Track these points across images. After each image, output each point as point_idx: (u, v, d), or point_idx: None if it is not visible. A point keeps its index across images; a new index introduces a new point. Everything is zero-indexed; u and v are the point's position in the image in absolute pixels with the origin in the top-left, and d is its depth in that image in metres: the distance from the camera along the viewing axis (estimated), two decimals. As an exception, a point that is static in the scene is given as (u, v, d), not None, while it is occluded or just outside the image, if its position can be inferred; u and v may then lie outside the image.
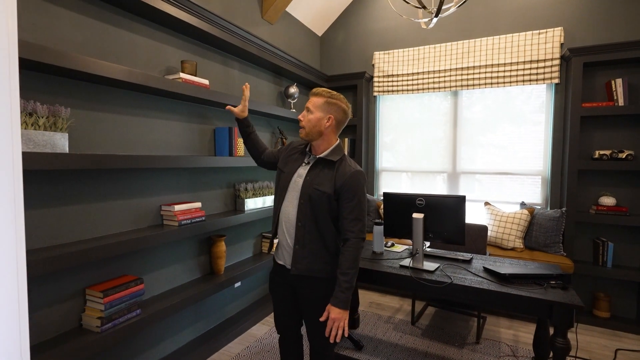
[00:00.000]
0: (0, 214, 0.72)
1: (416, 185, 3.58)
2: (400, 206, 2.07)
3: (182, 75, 1.97)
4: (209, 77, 2.41)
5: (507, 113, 3.16)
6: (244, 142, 1.81)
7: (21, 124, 1.32)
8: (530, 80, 2.97)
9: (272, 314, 2.62)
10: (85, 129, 1.67)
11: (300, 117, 1.53)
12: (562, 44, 2.89)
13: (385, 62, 3.57)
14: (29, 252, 1.41)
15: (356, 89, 3.73)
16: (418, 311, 2.90)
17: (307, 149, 1.60)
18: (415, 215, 1.93)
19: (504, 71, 3.05)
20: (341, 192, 1.44)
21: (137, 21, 1.90)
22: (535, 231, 2.87)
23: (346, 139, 3.67)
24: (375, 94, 3.64)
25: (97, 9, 1.71)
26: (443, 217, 1.94)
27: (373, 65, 3.65)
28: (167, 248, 2.10)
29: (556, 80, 2.89)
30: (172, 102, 2.11)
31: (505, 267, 1.91)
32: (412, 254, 1.96)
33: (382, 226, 2.20)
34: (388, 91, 3.57)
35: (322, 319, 1.42)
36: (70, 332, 1.58)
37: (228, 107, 1.75)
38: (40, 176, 1.49)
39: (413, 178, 3.59)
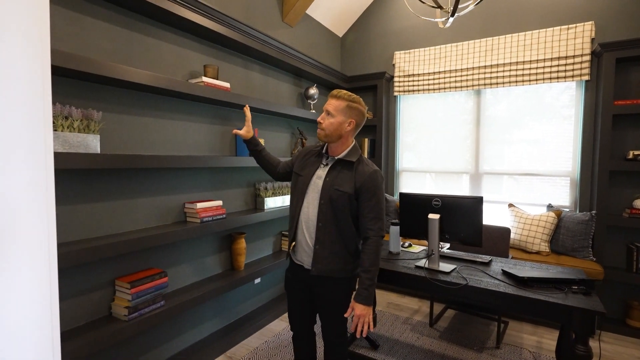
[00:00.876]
0: (34, 209, 0.81)
1: (437, 186, 3.53)
2: (416, 207, 2.06)
3: (204, 79, 2.06)
4: (230, 80, 2.50)
5: (534, 112, 3.05)
6: (257, 162, 1.82)
7: (58, 127, 1.44)
8: (558, 78, 2.85)
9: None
10: (115, 131, 1.79)
11: (320, 119, 1.52)
12: (592, 39, 2.76)
13: (405, 62, 3.54)
14: (65, 245, 1.54)
15: (376, 89, 3.72)
16: (437, 313, 2.86)
17: (324, 151, 1.62)
18: (431, 215, 1.92)
19: (530, 69, 2.95)
20: (361, 192, 1.48)
21: (163, 28, 2.01)
22: (563, 235, 2.75)
23: (366, 139, 3.68)
24: (395, 93, 3.62)
25: (126, 18, 1.83)
26: (460, 218, 1.91)
27: (393, 65, 3.63)
28: (189, 244, 2.20)
29: (586, 77, 2.76)
30: (195, 105, 2.21)
31: (525, 270, 1.87)
32: (427, 255, 1.95)
33: (398, 226, 2.20)
34: (409, 91, 3.54)
35: (346, 315, 1.48)
36: (101, 320, 1.70)
37: (234, 130, 1.79)
38: (75, 175, 1.62)
39: (434, 178, 3.54)
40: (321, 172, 1.55)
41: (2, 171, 0.74)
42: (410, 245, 2.41)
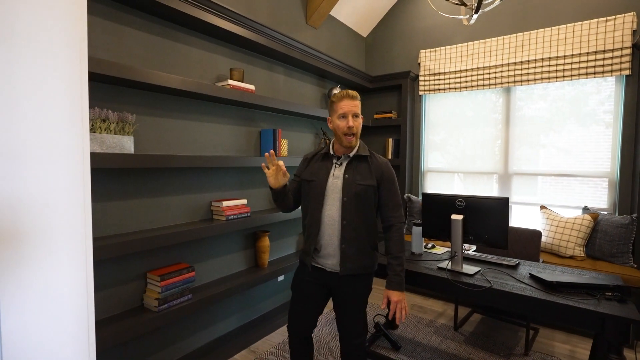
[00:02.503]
0: (73, 205, 0.89)
1: (464, 187, 3.44)
2: (439, 207, 2.03)
3: (230, 81, 2.14)
4: (255, 83, 2.57)
5: (568, 109, 2.91)
6: (278, 205, 1.60)
7: (96, 129, 1.55)
8: (595, 73, 2.70)
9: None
10: (147, 133, 1.90)
11: (351, 123, 1.46)
12: (634, 31, 2.59)
13: (431, 60, 3.48)
14: (100, 239, 1.65)
15: (400, 89, 3.69)
16: (462, 317, 2.79)
17: (331, 152, 1.60)
18: (454, 216, 1.89)
19: (565, 64, 2.81)
20: (382, 182, 1.55)
21: (192, 34, 2.11)
22: (599, 239, 2.61)
23: (389, 139, 3.65)
24: (420, 93, 3.57)
25: (158, 26, 1.94)
26: (484, 219, 1.87)
27: (419, 63, 3.58)
28: (215, 240, 2.29)
29: (627, 72, 2.60)
30: (221, 107, 2.30)
31: (556, 274, 1.79)
32: (450, 256, 1.91)
33: (421, 227, 2.18)
34: (435, 90, 3.48)
35: (383, 307, 1.53)
36: (133, 310, 1.81)
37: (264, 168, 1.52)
38: (111, 173, 1.74)
39: (461, 179, 3.46)
40: (337, 172, 1.54)
41: (45, 170, 0.82)
42: (433, 247, 2.37)
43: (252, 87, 2.28)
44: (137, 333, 1.66)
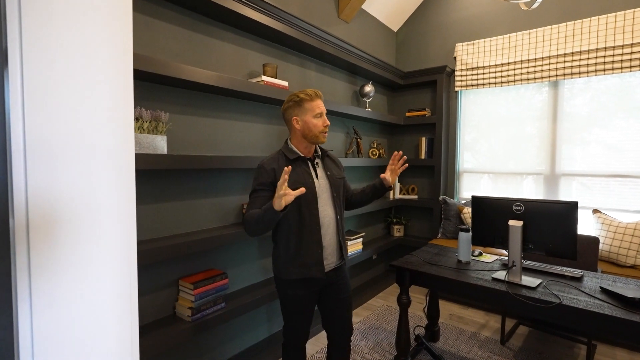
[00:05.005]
0: (117, 207, 0.78)
1: (505, 188, 3.21)
2: (491, 211, 1.85)
3: (263, 77, 2.03)
4: (287, 79, 2.45)
5: (624, 104, 2.65)
6: (261, 230, 1.36)
7: (129, 128, 1.46)
8: (659, 63, 2.44)
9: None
10: (179, 132, 1.80)
11: (327, 121, 1.51)
12: None
13: (468, 54, 3.27)
14: (134, 244, 1.56)
15: (434, 85, 3.49)
16: (508, 330, 2.58)
17: (302, 155, 1.50)
18: (512, 222, 1.71)
19: (623, 54, 2.56)
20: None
21: (224, 28, 2.00)
22: (666, 247, 2.35)
23: (423, 138, 3.46)
24: (456, 89, 3.37)
25: (191, 20, 1.84)
26: (548, 226, 1.67)
27: (455, 58, 3.38)
28: (247, 245, 2.18)
29: (698, 61, 2.33)
30: (253, 105, 2.19)
31: (631, 289, 1.58)
32: (507, 267, 1.73)
33: (470, 233, 2.00)
34: (472, 85, 3.27)
35: (388, 178, 1.62)
36: (165, 319, 1.72)
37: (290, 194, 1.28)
38: (143, 175, 1.65)
39: (503, 180, 3.23)
40: (319, 172, 1.55)
41: (89, 171, 0.71)
42: (480, 254, 2.19)
43: (285, 83, 2.16)
44: (170, 345, 1.55)
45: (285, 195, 1.24)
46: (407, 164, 1.66)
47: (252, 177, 2.19)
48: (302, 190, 1.26)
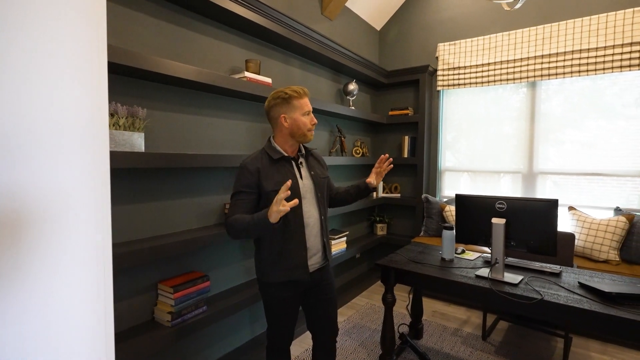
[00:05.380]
0: (90, 207, 0.72)
1: (485, 187, 3.28)
2: (475, 210, 1.87)
3: (246, 74, 1.97)
4: (270, 76, 2.40)
5: (597, 105, 2.75)
6: (247, 237, 1.34)
7: (104, 124, 1.38)
8: (630, 66, 2.55)
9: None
10: (158, 129, 1.72)
11: (314, 120, 1.48)
12: (673, 21, 2.43)
13: (450, 54, 3.32)
14: (110, 247, 1.48)
15: (418, 84, 3.52)
16: (489, 325, 2.64)
17: (286, 154, 1.45)
18: (495, 220, 1.73)
19: (597, 57, 2.65)
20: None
21: (205, 22, 1.93)
22: (636, 242, 2.46)
23: (406, 137, 3.49)
24: (438, 88, 3.41)
25: (171, 12, 1.76)
26: (529, 223, 1.71)
27: (437, 57, 3.42)
28: (229, 247, 2.12)
29: (665, 65, 2.44)
30: (236, 102, 2.13)
31: (607, 283, 1.63)
32: (490, 264, 1.75)
33: (453, 231, 2.02)
34: (453, 85, 3.32)
35: (373, 182, 1.64)
36: (143, 325, 1.64)
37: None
38: (117, 174, 1.56)
39: (482, 179, 3.30)
40: (304, 172, 1.51)
41: (57, 169, 0.65)
42: (463, 252, 2.21)
43: (269, 80, 2.11)
44: (148, 352, 1.49)
45: (284, 208, 1.21)
46: (392, 165, 1.65)
47: (234, 177, 2.12)
48: (296, 201, 1.22)
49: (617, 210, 2.66)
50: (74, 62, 0.69)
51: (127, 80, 1.58)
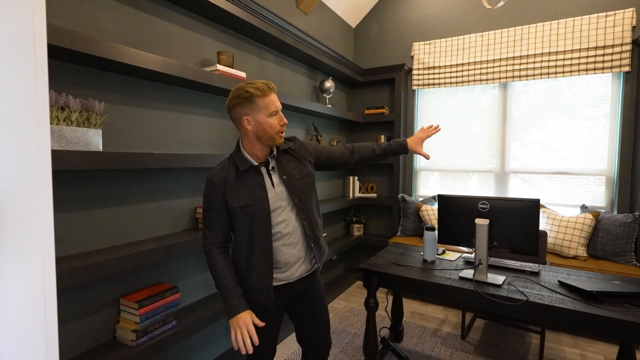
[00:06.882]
0: (28, 219, 0.57)
1: (459, 185, 3.31)
2: (457, 210, 1.84)
3: (218, 66, 1.82)
4: (245, 70, 2.25)
5: (565, 106, 2.85)
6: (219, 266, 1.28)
7: (53, 119, 1.19)
8: (595, 69, 2.65)
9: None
10: (119, 125, 1.54)
11: (285, 119, 1.28)
12: (634, 27, 2.56)
13: (425, 53, 3.32)
14: (60, 260, 1.29)
15: (393, 83, 3.50)
16: (467, 324, 2.65)
17: (255, 163, 1.29)
18: (479, 220, 1.70)
19: (564, 59, 2.74)
20: (315, 156, 1.45)
21: (173, 9, 1.76)
22: (602, 238, 2.56)
23: (382, 136, 3.45)
24: (413, 87, 3.40)
25: (131, -5, 1.58)
26: (511, 223, 1.70)
27: (412, 57, 3.41)
28: (200, 254, 1.96)
29: (626, 69, 2.56)
30: (207, 97, 1.97)
31: (585, 281, 1.65)
32: (474, 265, 1.73)
33: (435, 232, 1.98)
34: (428, 84, 3.32)
35: (426, 155, 1.53)
36: (103, 346, 1.46)
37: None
38: (71, 176, 1.37)
39: (452, 178, 3.33)
40: (275, 179, 1.31)
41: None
42: (444, 252, 2.19)
43: (243, 74, 1.97)
44: (110, 378, 1.31)
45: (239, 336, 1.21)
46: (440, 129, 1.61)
47: (204, 178, 1.97)
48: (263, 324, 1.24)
49: (584, 208, 2.76)
50: (8, 50, 0.54)
51: (82, 70, 1.39)
